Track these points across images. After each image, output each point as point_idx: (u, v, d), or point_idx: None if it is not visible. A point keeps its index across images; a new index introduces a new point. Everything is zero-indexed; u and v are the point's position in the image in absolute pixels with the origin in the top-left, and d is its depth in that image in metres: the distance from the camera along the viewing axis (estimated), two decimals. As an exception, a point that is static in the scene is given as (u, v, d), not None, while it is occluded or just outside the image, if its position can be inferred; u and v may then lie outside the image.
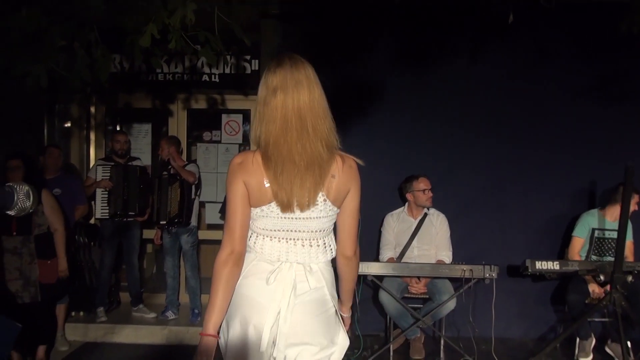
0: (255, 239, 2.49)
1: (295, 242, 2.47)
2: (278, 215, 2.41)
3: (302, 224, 2.45)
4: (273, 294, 2.42)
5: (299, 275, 2.46)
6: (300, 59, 2.53)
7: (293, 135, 2.39)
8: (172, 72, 7.16)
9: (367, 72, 6.28)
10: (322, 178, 2.42)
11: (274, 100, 2.41)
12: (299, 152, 2.38)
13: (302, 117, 2.42)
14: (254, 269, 2.47)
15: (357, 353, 5.26)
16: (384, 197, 6.08)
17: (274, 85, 2.43)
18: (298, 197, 2.38)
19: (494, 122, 6.22)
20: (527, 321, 6.11)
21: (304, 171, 2.37)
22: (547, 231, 6.19)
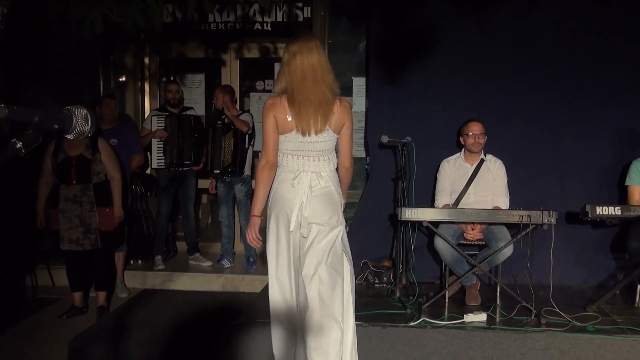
0: (282, 157, 3.67)
1: (309, 158, 3.63)
2: (297, 140, 3.59)
3: (314, 146, 3.61)
4: (296, 192, 3.60)
5: (313, 179, 3.63)
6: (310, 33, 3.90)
7: (309, 84, 3.53)
8: (224, 21, 7.16)
9: (424, 17, 6.14)
10: (328, 114, 3.58)
11: (294, 61, 3.56)
12: (314, 95, 3.53)
13: (314, 72, 3.55)
14: (283, 178, 3.66)
15: (412, 299, 5.24)
16: (439, 143, 6.00)
17: (293, 50, 3.58)
18: (314, 127, 3.55)
19: (554, 68, 6.05)
20: (585, 269, 6.00)
21: (317, 109, 3.53)
22: (607, 179, 6.03)
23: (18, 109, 1.49)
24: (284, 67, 3.60)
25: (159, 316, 5.28)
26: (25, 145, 1.50)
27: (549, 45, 6.04)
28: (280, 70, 3.64)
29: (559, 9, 6.02)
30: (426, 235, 5.90)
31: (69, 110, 1.62)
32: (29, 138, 1.50)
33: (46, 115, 1.54)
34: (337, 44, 6.99)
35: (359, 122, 6.88)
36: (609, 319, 4.86)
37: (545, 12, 6.04)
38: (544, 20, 6.04)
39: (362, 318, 4.80)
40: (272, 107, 3.58)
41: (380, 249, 6.24)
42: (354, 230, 6.38)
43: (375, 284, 5.93)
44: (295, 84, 3.53)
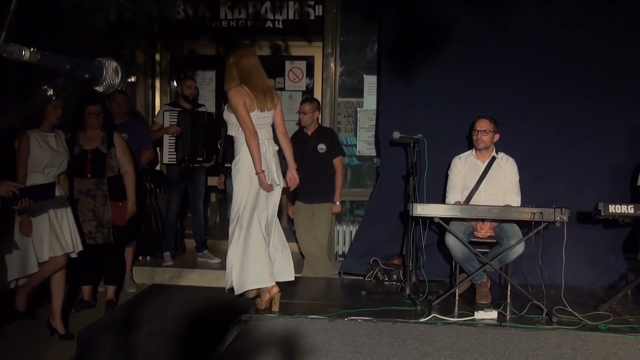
0: None
1: (264, 129, 4.85)
2: (257, 116, 4.76)
3: (265, 120, 4.86)
4: (265, 152, 4.82)
5: (271, 144, 4.91)
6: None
7: (255, 77, 4.81)
8: (235, 18, 7.17)
9: (437, 14, 6.13)
10: (273, 97, 4.91)
11: (242, 61, 4.79)
12: (261, 84, 4.83)
13: (257, 69, 4.86)
14: None
15: (422, 297, 5.22)
16: (451, 140, 5.98)
17: (240, 54, 4.83)
18: (266, 106, 4.81)
19: (567, 67, 6.03)
20: (596, 269, 5.96)
21: (266, 93, 4.83)
22: (619, 180, 6.00)
23: (50, 54, 1.48)
24: (232, 67, 4.81)
25: (168, 310, 5.25)
26: (56, 92, 1.48)
27: (563, 45, 6.02)
28: (230, 69, 4.82)
29: (572, 7, 6.00)
30: (436, 233, 5.88)
31: (100, 62, 1.60)
32: (59, 85, 1.49)
33: (77, 64, 1.53)
34: (348, 42, 6.99)
35: (369, 121, 6.88)
36: (621, 319, 4.84)
37: (558, 11, 6.02)
38: (557, 19, 6.02)
39: (372, 314, 4.80)
40: (239, 93, 4.71)
41: (390, 247, 6.22)
42: (363, 228, 6.38)
43: (385, 282, 5.91)
44: (247, 77, 4.77)
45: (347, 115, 7.07)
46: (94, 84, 1.60)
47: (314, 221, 6.28)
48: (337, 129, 6.89)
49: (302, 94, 7.27)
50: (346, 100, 7.06)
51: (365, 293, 5.56)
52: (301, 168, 6.03)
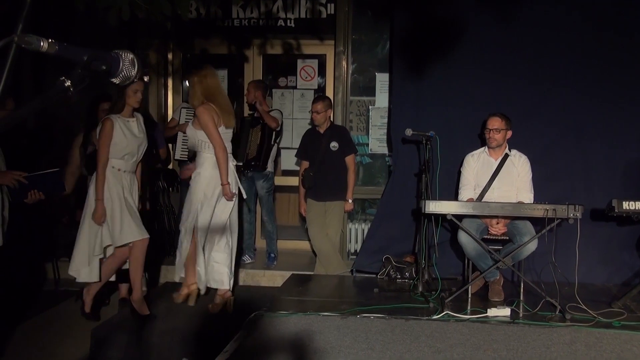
0: None
1: (226, 143, 5.20)
2: (222, 132, 5.14)
3: (228, 136, 5.27)
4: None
5: (230, 157, 5.29)
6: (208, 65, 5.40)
7: (222, 95, 5.33)
8: (247, 17, 7.18)
9: (449, 12, 6.13)
10: (233, 115, 5.35)
11: (206, 81, 5.17)
12: (225, 103, 5.28)
13: (219, 88, 5.33)
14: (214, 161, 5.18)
15: (435, 294, 5.22)
16: (463, 138, 5.98)
17: (204, 74, 5.19)
18: (231, 122, 5.27)
19: (579, 65, 6.00)
20: (610, 266, 5.94)
21: (230, 111, 5.29)
22: (632, 178, 5.97)
23: (67, 45, 1.49)
24: (197, 86, 5.14)
25: (181, 307, 5.29)
26: (74, 83, 1.49)
27: (574, 42, 5.99)
28: (195, 88, 5.16)
29: (585, 4, 5.98)
30: (449, 230, 5.87)
31: (117, 53, 1.62)
32: (77, 77, 1.50)
33: (94, 56, 1.54)
34: (360, 40, 6.99)
35: (381, 119, 6.88)
36: (635, 316, 4.82)
37: (571, 8, 6.00)
38: (569, 16, 6.00)
39: (385, 311, 4.81)
40: (209, 110, 5.08)
41: (403, 245, 6.22)
42: (376, 226, 6.38)
43: (397, 279, 5.92)
44: (212, 95, 5.16)
45: (358, 113, 7.08)
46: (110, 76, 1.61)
47: (326, 219, 6.28)
48: (349, 127, 6.90)
49: (313, 93, 7.27)
50: (358, 99, 7.07)
51: (377, 290, 5.57)
52: (313, 165, 6.05)
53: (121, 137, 4.95)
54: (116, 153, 4.96)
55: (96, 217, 4.90)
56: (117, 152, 4.96)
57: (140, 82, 5.02)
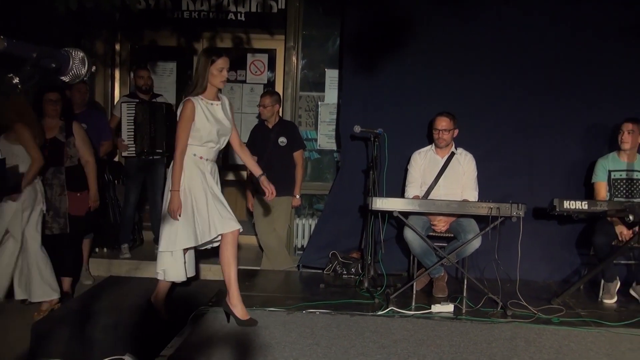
0: None
1: None
2: None
3: None
4: None
5: None
6: None
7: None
8: (197, 9, 7.12)
9: (400, 9, 6.19)
10: None
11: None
12: None
13: None
14: None
15: (380, 290, 5.26)
16: (411, 135, 6.04)
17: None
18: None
19: (527, 65, 6.13)
20: (551, 264, 6.08)
21: None
22: (575, 176, 6.12)
23: (17, 42, 1.46)
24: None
25: (125, 302, 5.23)
26: (22, 80, 1.46)
27: (524, 42, 6.11)
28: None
29: (534, 5, 6.12)
30: (395, 227, 5.93)
31: (67, 51, 1.59)
32: (25, 74, 1.47)
33: (44, 53, 1.51)
34: (311, 35, 6.99)
35: (330, 115, 6.90)
36: (573, 312, 4.96)
37: (520, 9, 6.13)
38: (519, 16, 6.13)
39: (330, 307, 4.84)
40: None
41: (349, 241, 6.26)
42: (323, 222, 6.40)
43: (344, 275, 5.96)
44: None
45: (308, 109, 7.08)
46: (60, 74, 1.58)
47: (274, 214, 6.27)
48: (298, 123, 6.90)
49: (263, 87, 7.25)
50: (308, 94, 7.07)
51: (323, 286, 5.59)
52: (261, 160, 6.03)
53: (203, 121, 4.39)
54: (198, 139, 4.41)
55: (171, 210, 4.36)
56: (199, 138, 4.41)
57: (226, 58, 4.42)
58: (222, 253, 4.51)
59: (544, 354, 4.04)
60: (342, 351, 3.98)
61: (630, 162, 5.55)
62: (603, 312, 5.05)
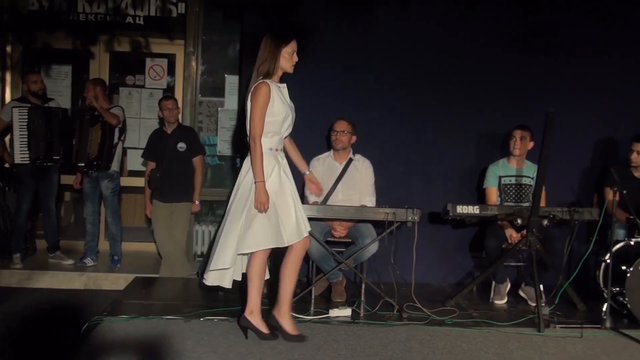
0: None
1: None
2: None
3: None
4: None
5: None
6: None
7: None
8: (94, 12, 6.97)
9: (299, 17, 6.22)
10: None
11: None
12: None
13: None
14: None
15: (280, 296, 5.28)
16: (310, 142, 6.06)
17: None
18: None
19: (422, 72, 6.29)
20: (446, 267, 6.27)
21: None
22: (469, 182, 6.33)
23: None
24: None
25: (15, 314, 5.04)
26: None
27: (419, 51, 6.27)
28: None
29: (430, 12, 6.30)
30: (295, 232, 5.95)
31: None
32: None
33: None
34: (211, 41, 6.96)
35: (230, 120, 6.88)
36: (466, 313, 5.12)
37: (417, 16, 6.30)
38: (416, 24, 6.29)
39: (229, 313, 4.80)
40: None
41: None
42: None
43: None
44: None
45: (209, 114, 7.04)
46: None
47: (173, 220, 6.20)
48: (198, 128, 6.85)
49: (162, 92, 7.15)
50: (209, 100, 7.02)
51: (222, 293, 5.54)
52: (160, 166, 5.95)
53: (280, 105, 4.11)
54: (273, 126, 4.12)
55: (258, 202, 3.97)
56: (274, 124, 4.12)
57: (294, 43, 4.23)
58: (291, 260, 4.23)
59: (437, 354, 4.14)
60: (239, 358, 3.96)
61: (520, 167, 5.79)
62: (494, 312, 5.25)
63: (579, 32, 6.35)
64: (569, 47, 6.35)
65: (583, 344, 4.45)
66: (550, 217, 5.16)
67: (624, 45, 6.39)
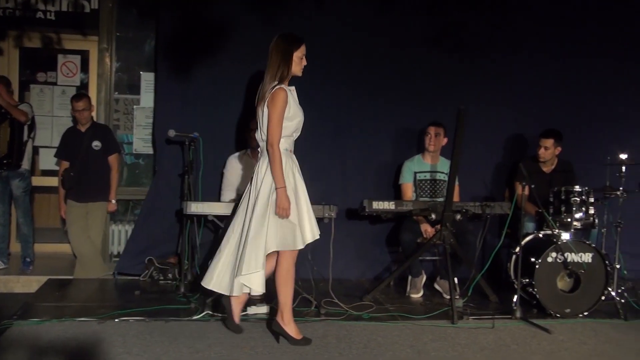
0: None
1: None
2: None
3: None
4: None
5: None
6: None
7: None
8: (2, 6, 6.72)
9: (215, 14, 6.21)
10: None
11: None
12: None
13: None
14: None
15: (197, 295, 5.24)
16: (228, 139, 6.08)
17: None
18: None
19: (337, 69, 6.33)
20: (364, 262, 6.35)
21: None
22: (385, 178, 6.42)
23: None
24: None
25: None
26: None
27: (336, 48, 6.31)
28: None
29: (345, 9, 6.38)
30: (212, 230, 5.92)
31: None
32: None
33: None
34: (126, 37, 6.82)
35: (146, 118, 6.77)
36: (382, 308, 5.20)
37: (331, 14, 6.37)
38: (330, 21, 6.35)
39: (145, 314, 4.75)
40: None
41: (166, 246, 6.18)
42: (139, 227, 6.27)
43: (160, 281, 5.90)
44: None
45: (126, 112, 6.91)
46: None
47: (88, 220, 6.09)
48: (114, 126, 6.72)
49: (76, 89, 6.96)
50: (125, 97, 6.90)
51: (139, 293, 5.48)
52: (74, 165, 5.82)
53: (295, 109, 4.21)
54: (287, 129, 4.17)
55: (281, 209, 4.03)
56: (288, 128, 4.18)
57: (304, 47, 4.30)
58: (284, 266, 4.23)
59: (353, 349, 4.19)
60: (154, 358, 3.92)
61: (434, 163, 5.92)
62: (410, 306, 5.35)
63: (487, 32, 6.56)
64: (478, 46, 6.55)
65: (494, 334, 4.59)
66: (463, 211, 5.31)
67: (531, 44, 6.63)
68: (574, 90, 6.69)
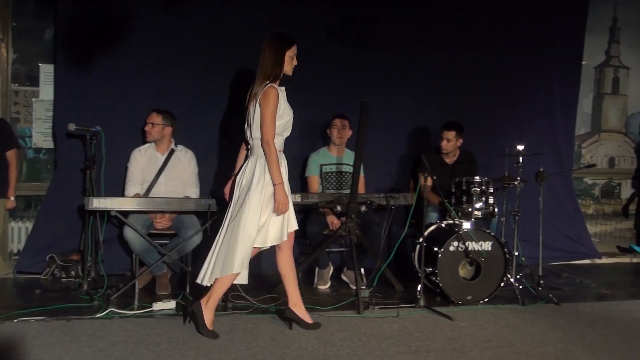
0: None
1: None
2: None
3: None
4: None
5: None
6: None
7: None
8: None
9: (115, 4, 6.10)
10: None
11: None
12: None
13: None
14: None
15: (101, 292, 5.14)
16: (130, 132, 5.97)
17: None
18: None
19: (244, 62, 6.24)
20: (273, 255, 6.29)
21: None
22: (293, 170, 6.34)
23: None
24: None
25: None
26: None
27: (244, 39, 6.22)
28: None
29: (251, 4, 6.36)
30: (116, 226, 5.82)
31: None
32: None
33: None
34: (23, 28, 6.57)
35: (46, 112, 6.55)
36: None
37: (237, 9, 6.33)
38: (239, 13, 6.34)
39: (46, 313, 4.63)
40: None
41: (68, 242, 6.04)
42: (39, 224, 6.10)
43: (62, 279, 5.77)
44: None
45: (26, 104, 6.67)
46: None
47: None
48: (14, 120, 6.48)
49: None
50: (25, 89, 6.65)
51: (39, 292, 5.33)
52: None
53: (286, 108, 4.31)
54: (278, 128, 4.26)
55: (280, 205, 4.19)
56: (280, 127, 4.29)
57: (295, 46, 4.36)
58: (286, 255, 4.52)
59: (260, 342, 4.20)
60: (55, 358, 3.82)
61: (340, 156, 5.98)
62: (317, 297, 5.42)
63: (390, 26, 6.67)
64: (381, 40, 6.69)
65: (399, 323, 4.69)
66: (368, 203, 5.39)
67: (433, 37, 6.79)
68: (475, 83, 6.90)
